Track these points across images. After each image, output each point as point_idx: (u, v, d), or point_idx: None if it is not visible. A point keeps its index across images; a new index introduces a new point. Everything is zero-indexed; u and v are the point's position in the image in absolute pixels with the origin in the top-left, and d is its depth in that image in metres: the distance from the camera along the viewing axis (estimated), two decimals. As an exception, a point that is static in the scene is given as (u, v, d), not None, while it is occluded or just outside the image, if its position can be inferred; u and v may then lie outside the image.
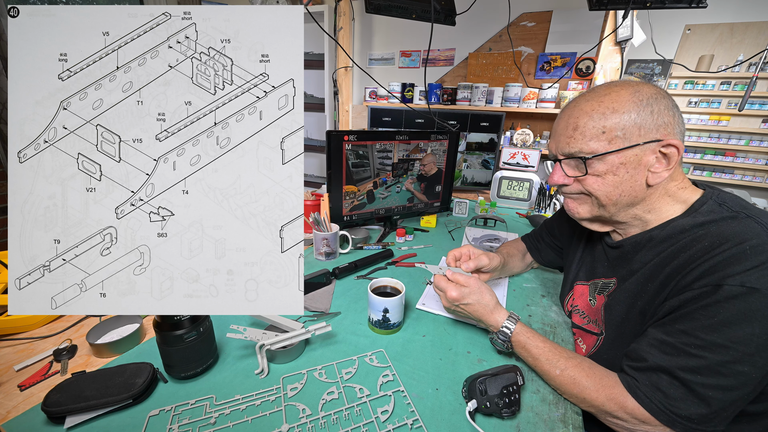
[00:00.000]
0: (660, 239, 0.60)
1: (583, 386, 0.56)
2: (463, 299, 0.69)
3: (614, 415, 0.53)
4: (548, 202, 1.56)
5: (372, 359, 0.66)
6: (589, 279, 0.75)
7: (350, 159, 1.10)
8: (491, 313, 0.68)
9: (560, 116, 0.64)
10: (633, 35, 1.49)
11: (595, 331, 0.69)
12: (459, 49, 2.46)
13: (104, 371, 0.57)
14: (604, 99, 0.58)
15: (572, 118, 0.60)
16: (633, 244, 0.64)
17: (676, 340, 0.50)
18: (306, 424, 0.52)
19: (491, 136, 1.86)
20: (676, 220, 0.59)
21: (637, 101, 0.56)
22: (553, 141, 0.66)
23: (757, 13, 1.89)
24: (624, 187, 0.59)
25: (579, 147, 0.59)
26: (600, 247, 0.74)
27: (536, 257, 1.00)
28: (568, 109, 0.63)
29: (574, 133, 0.60)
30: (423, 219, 1.40)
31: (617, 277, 0.67)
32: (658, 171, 0.57)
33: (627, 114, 0.56)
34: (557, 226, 0.92)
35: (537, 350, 0.62)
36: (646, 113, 0.55)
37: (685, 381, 0.49)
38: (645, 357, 0.53)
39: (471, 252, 0.82)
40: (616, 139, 0.57)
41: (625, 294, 0.63)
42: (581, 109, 0.60)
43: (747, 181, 2.18)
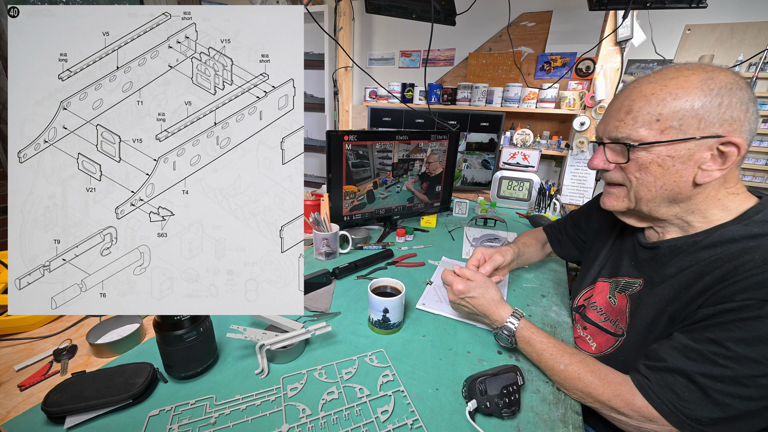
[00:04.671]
0: (703, 246, 0.55)
1: (587, 381, 0.56)
2: (468, 292, 0.70)
3: (620, 412, 0.53)
4: (548, 202, 1.56)
5: (372, 359, 0.66)
6: (611, 276, 0.73)
7: (350, 159, 1.10)
8: (496, 307, 0.68)
9: (617, 96, 0.59)
10: (633, 35, 1.49)
11: (612, 330, 0.67)
12: (459, 49, 2.46)
13: (104, 371, 0.57)
14: (669, 83, 0.52)
15: (628, 100, 0.56)
16: (671, 247, 0.60)
17: (703, 347, 0.49)
18: (306, 424, 0.52)
19: (491, 136, 1.86)
20: (725, 226, 0.55)
21: (707, 89, 0.50)
22: (602, 122, 0.62)
23: (757, 13, 1.89)
24: (666, 180, 0.55)
25: (627, 132, 0.55)
26: (629, 245, 0.71)
27: (556, 249, 0.99)
28: (627, 89, 0.58)
29: (625, 117, 0.55)
30: (423, 219, 1.40)
31: (644, 279, 0.64)
32: (709, 170, 0.52)
33: (690, 102, 0.50)
34: (585, 218, 0.90)
35: (541, 345, 0.62)
36: (713, 104, 0.50)
37: (702, 386, 0.48)
38: (664, 358, 0.52)
39: (484, 254, 0.82)
40: (670, 130, 0.52)
41: (656, 299, 0.59)
42: (640, 91, 0.55)
43: (747, 181, 2.17)
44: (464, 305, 0.73)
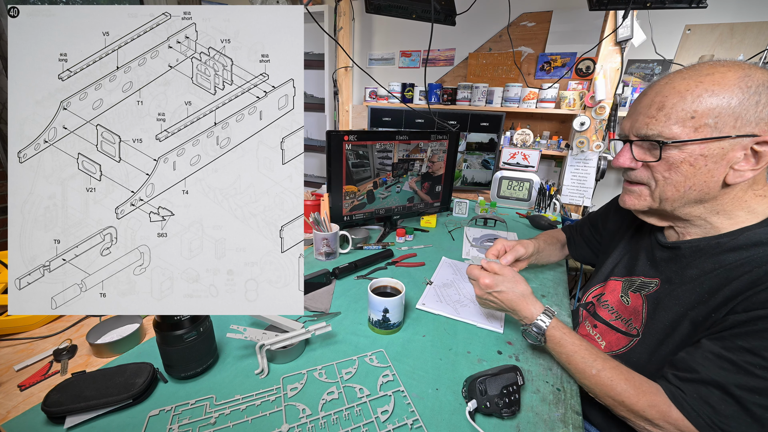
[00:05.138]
0: (728, 248, 0.54)
1: (621, 389, 0.53)
2: (496, 286, 0.67)
3: (654, 424, 0.51)
4: (548, 202, 1.56)
5: (372, 359, 0.66)
6: (624, 275, 0.71)
7: (350, 159, 1.10)
8: (526, 302, 0.65)
9: (646, 92, 0.57)
10: (633, 35, 1.48)
11: (624, 329, 0.66)
12: (459, 49, 2.46)
13: (104, 371, 0.57)
14: (704, 79, 0.51)
15: (660, 95, 0.54)
16: (693, 248, 0.59)
17: (738, 357, 0.47)
18: (306, 424, 0.52)
19: (491, 136, 1.86)
20: (751, 229, 0.54)
21: (745, 87, 0.48)
22: (628, 119, 0.59)
23: (757, 13, 1.89)
24: (696, 180, 0.53)
25: (659, 130, 0.53)
26: (647, 244, 0.69)
27: (571, 250, 0.99)
28: (657, 85, 0.55)
29: (657, 113, 0.53)
30: (423, 219, 1.40)
31: (661, 279, 0.63)
32: (742, 170, 0.51)
33: (727, 99, 0.49)
34: (602, 219, 0.89)
35: (572, 347, 0.59)
36: (750, 102, 0.48)
37: (740, 399, 0.46)
38: (696, 369, 0.50)
39: (506, 245, 0.82)
40: (705, 128, 0.50)
41: (676, 301, 0.58)
42: (673, 87, 0.53)
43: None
44: (492, 300, 0.69)
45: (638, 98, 0.59)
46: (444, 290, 0.90)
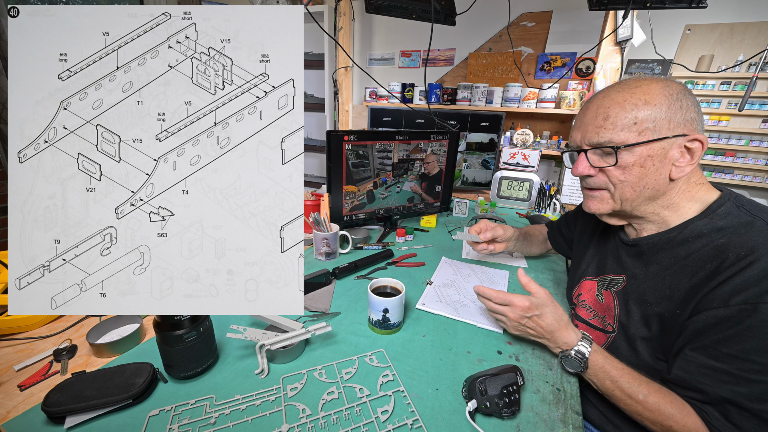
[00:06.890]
0: (678, 242, 0.60)
1: (668, 414, 0.53)
2: (535, 309, 0.64)
3: None
4: (548, 202, 1.56)
5: (372, 359, 0.66)
6: (597, 275, 0.75)
7: (350, 159, 1.10)
8: (566, 329, 0.63)
9: (587, 106, 0.64)
10: (633, 35, 1.49)
11: (600, 326, 0.69)
12: (459, 49, 2.46)
13: (104, 371, 0.57)
14: (635, 91, 0.58)
15: (602, 108, 0.60)
16: (650, 245, 0.64)
17: (730, 366, 0.50)
18: (306, 424, 0.52)
19: (491, 136, 1.86)
20: (693, 221, 0.59)
21: (668, 95, 0.56)
22: (578, 131, 0.65)
23: (757, 13, 1.89)
24: (648, 180, 0.59)
25: (609, 137, 0.59)
26: (613, 243, 0.74)
27: (552, 243, 1.07)
28: (597, 99, 0.62)
29: (604, 122, 0.59)
30: (423, 219, 1.40)
31: (627, 275, 0.67)
32: (681, 165, 0.58)
33: (659, 107, 0.56)
34: (573, 219, 0.96)
35: (617, 372, 0.58)
36: (675, 107, 0.56)
37: (755, 411, 0.48)
38: (702, 389, 0.52)
39: (488, 225, 0.90)
40: (647, 131, 0.57)
41: (643, 297, 0.62)
42: (612, 99, 0.59)
43: (747, 181, 2.17)
44: (529, 327, 0.65)
45: (581, 113, 0.65)
46: (444, 290, 0.90)
